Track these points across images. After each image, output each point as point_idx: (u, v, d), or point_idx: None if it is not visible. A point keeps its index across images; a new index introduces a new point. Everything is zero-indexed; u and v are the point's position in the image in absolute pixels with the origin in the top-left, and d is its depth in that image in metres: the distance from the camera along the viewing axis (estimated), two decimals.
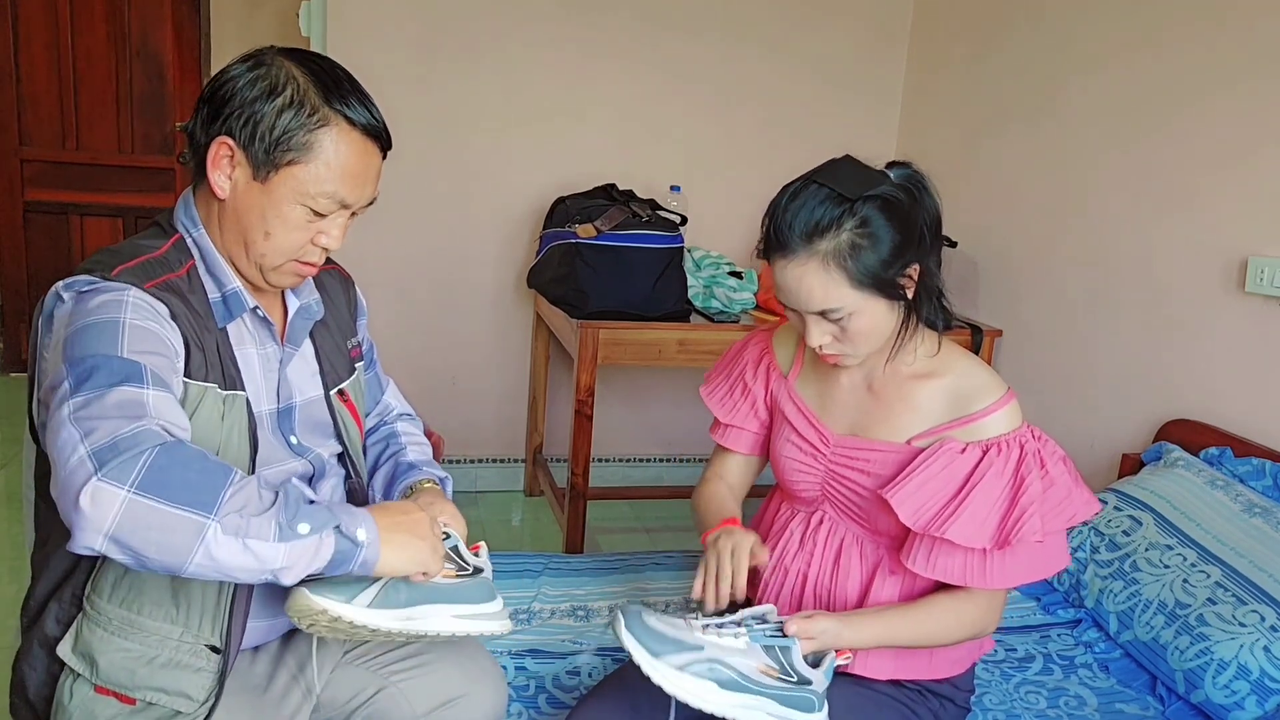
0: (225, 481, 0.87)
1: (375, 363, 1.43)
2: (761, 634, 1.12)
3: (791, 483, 1.34)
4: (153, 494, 0.83)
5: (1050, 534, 1.18)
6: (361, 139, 1.08)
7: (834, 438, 1.29)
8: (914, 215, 1.17)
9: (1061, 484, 1.19)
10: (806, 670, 1.12)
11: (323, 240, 1.11)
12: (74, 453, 0.84)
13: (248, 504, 0.87)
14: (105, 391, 0.89)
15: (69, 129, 3.91)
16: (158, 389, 0.93)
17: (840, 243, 1.13)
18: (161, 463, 0.84)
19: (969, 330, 2.68)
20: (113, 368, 0.92)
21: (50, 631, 1.11)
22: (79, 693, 1.09)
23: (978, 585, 1.18)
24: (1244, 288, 1.97)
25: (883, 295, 1.16)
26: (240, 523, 0.85)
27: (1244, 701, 1.48)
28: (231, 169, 1.06)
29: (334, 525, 0.92)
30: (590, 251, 2.56)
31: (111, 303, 0.98)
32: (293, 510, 0.90)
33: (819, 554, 1.31)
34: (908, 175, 1.19)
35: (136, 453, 0.84)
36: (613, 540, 3.00)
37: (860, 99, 3.25)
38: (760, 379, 1.38)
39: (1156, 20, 2.23)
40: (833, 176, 1.15)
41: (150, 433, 0.86)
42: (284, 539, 0.88)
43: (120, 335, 0.95)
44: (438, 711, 1.24)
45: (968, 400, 1.21)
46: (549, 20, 2.95)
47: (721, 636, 1.11)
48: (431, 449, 1.41)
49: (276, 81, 1.04)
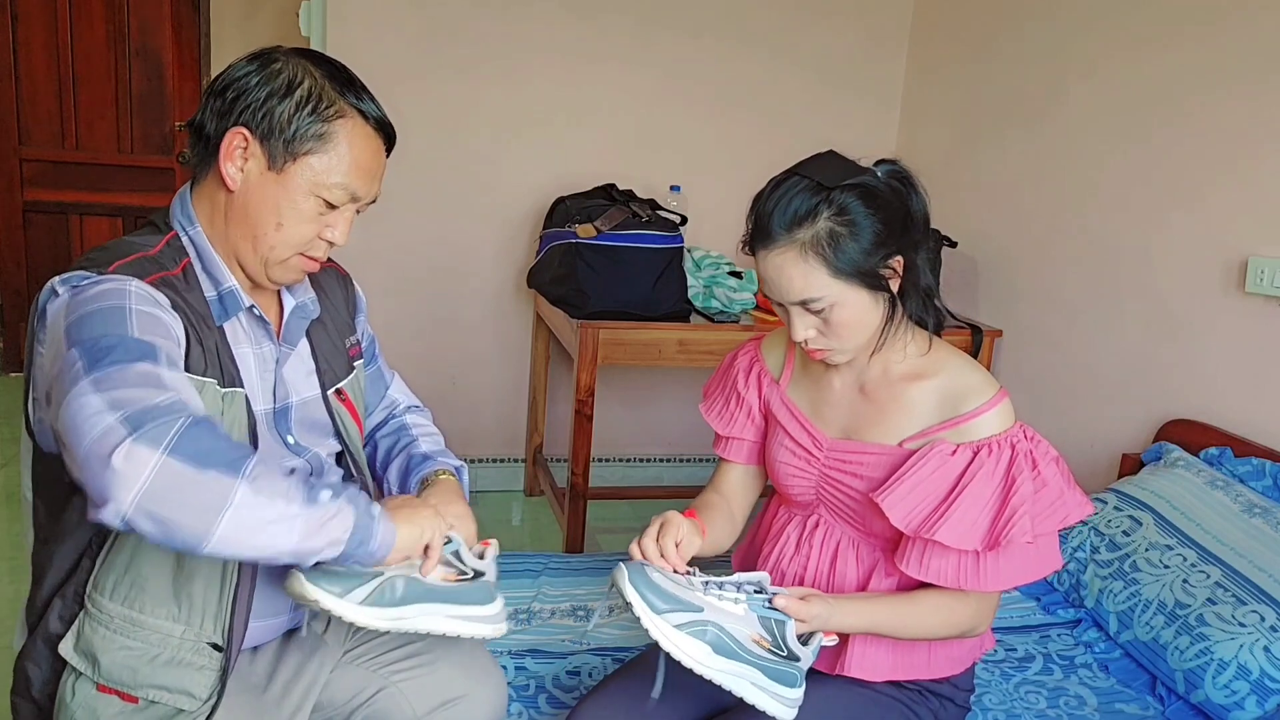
0: (250, 452, 0.88)
1: (378, 357, 1.43)
2: (760, 604, 1.13)
3: (786, 487, 1.34)
4: (185, 458, 0.83)
5: (1041, 535, 1.18)
6: (373, 133, 1.11)
7: (827, 441, 1.29)
8: (897, 207, 1.17)
9: (1054, 485, 1.18)
10: (797, 647, 1.12)
11: (329, 234, 1.12)
12: (101, 420, 0.83)
13: (269, 471, 0.88)
14: (126, 365, 0.89)
15: (68, 129, 3.91)
16: (173, 370, 0.93)
17: (818, 231, 1.13)
18: (194, 432, 0.85)
19: (969, 330, 2.68)
20: (129, 345, 0.91)
21: (54, 629, 1.11)
22: (81, 691, 1.09)
23: (970, 588, 1.18)
24: (1244, 288, 1.97)
25: (864, 286, 1.16)
26: (266, 484, 0.86)
27: (1244, 701, 1.48)
28: (245, 160, 1.07)
29: (354, 497, 0.94)
30: (590, 251, 2.56)
31: (114, 291, 0.98)
32: (311, 482, 0.92)
33: (815, 557, 1.31)
34: (893, 170, 1.20)
35: (172, 419, 0.84)
36: (613, 540, 3.00)
37: (860, 99, 3.25)
38: (753, 386, 1.38)
39: (1156, 20, 2.23)
40: (813, 168, 1.16)
41: (181, 403, 0.87)
42: (303, 503, 0.89)
43: (129, 319, 0.95)
44: (438, 711, 1.24)
45: (959, 401, 1.20)
46: (549, 20, 2.95)
47: (721, 600, 1.12)
48: (443, 437, 1.41)
49: (293, 76, 1.07)
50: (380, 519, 0.97)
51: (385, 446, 1.39)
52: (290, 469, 0.93)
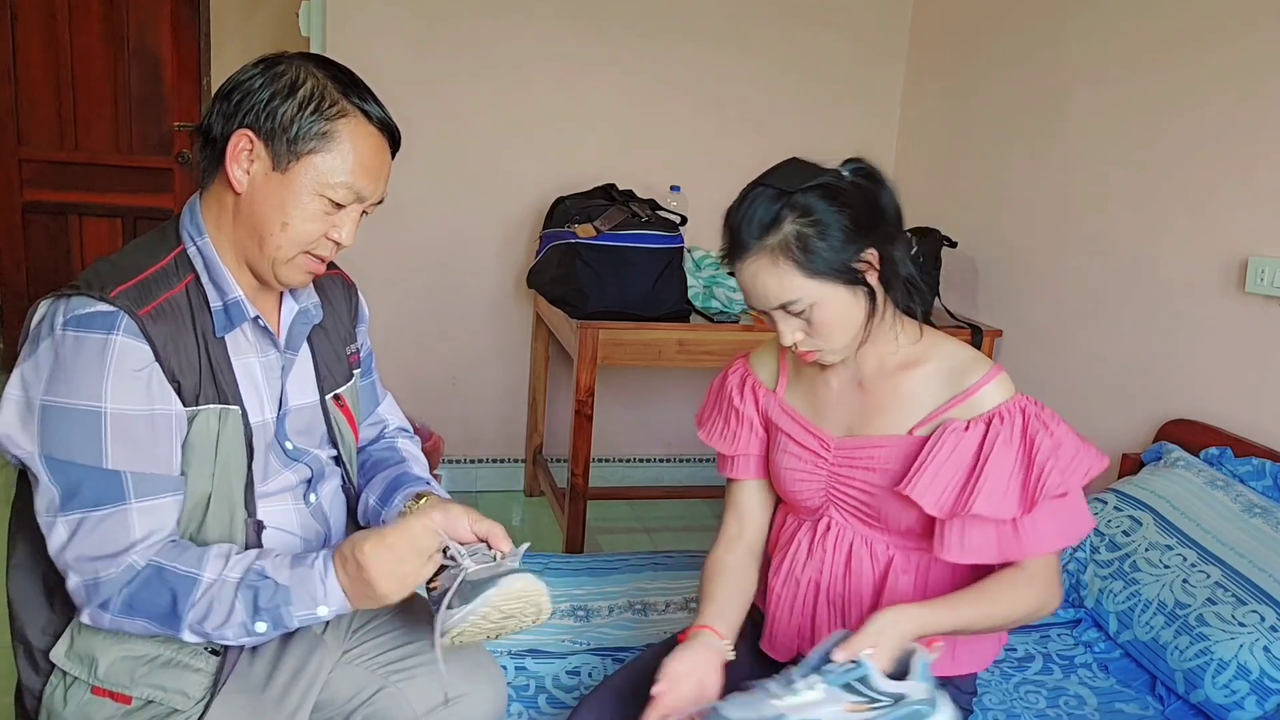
0: (188, 598, 1.01)
1: (373, 371, 1.43)
2: (835, 674, 1.05)
3: (794, 493, 1.33)
4: (132, 617, 1.02)
5: (1073, 488, 1.18)
6: (377, 133, 1.11)
7: (834, 440, 1.28)
8: (864, 202, 1.18)
9: (1069, 440, 1.20)
10: (894, 686, 1.05)
11: (335, 234, 1.12)
12: (68, 575, 1.03)
13: (209, 615, 1.02)
14: (87, 514, 1.01)
15: (67, 129, 3.91)
16: (141, 499, 1.03)
17: (786, 234, 1.14)
18: (132, 593, 1.01)
19: (969, 330, 2.68)
20: (95, 485, 1.01)
21: (37, 643, 1.12)
22: (74, 698, 1.10)
23: (1014, 557, 1.18)
24: (1244, 288, 1.97)
25: (841, 282, 1.16)
26: (202, 631, 1.03)
27: (1244, 701, 1.48)
28: (250, 162, 1.08)
29: (295, 619, 1.04)
30: (590, 251, 2.56)
31: (92, 378, 1.00)
32: (251, 611, 1.02)
33: (829, 560, 1.30)
34: (858, 168, 1.21)
35: (115, 590, 1.01)
36: (613, 540, 3.00)
37: (860, 101, 3.25)
38: (749, 399, 1.37)
39: (1156, 21, 2.23)
40: (775, 176, 1.19)
41: (126, 570, 1.01)
42: (245, 636, 1.03)
43: (102, 438, 1.01)
44: (438, 711, 1.24)
45: (960, 377, 1.21)
46: (549, 21, 2.95)
47: (798, 694, 1.06)
48: (428, 468, 1.40)
49: (297, 77, 1.08)
50: (331, 615, 1.06)
51: (373, 461, 1.38)
52: (236, 587, 1.03)
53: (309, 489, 1.23)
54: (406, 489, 1.28)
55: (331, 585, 1.03)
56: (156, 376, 1.04)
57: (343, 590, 1.04)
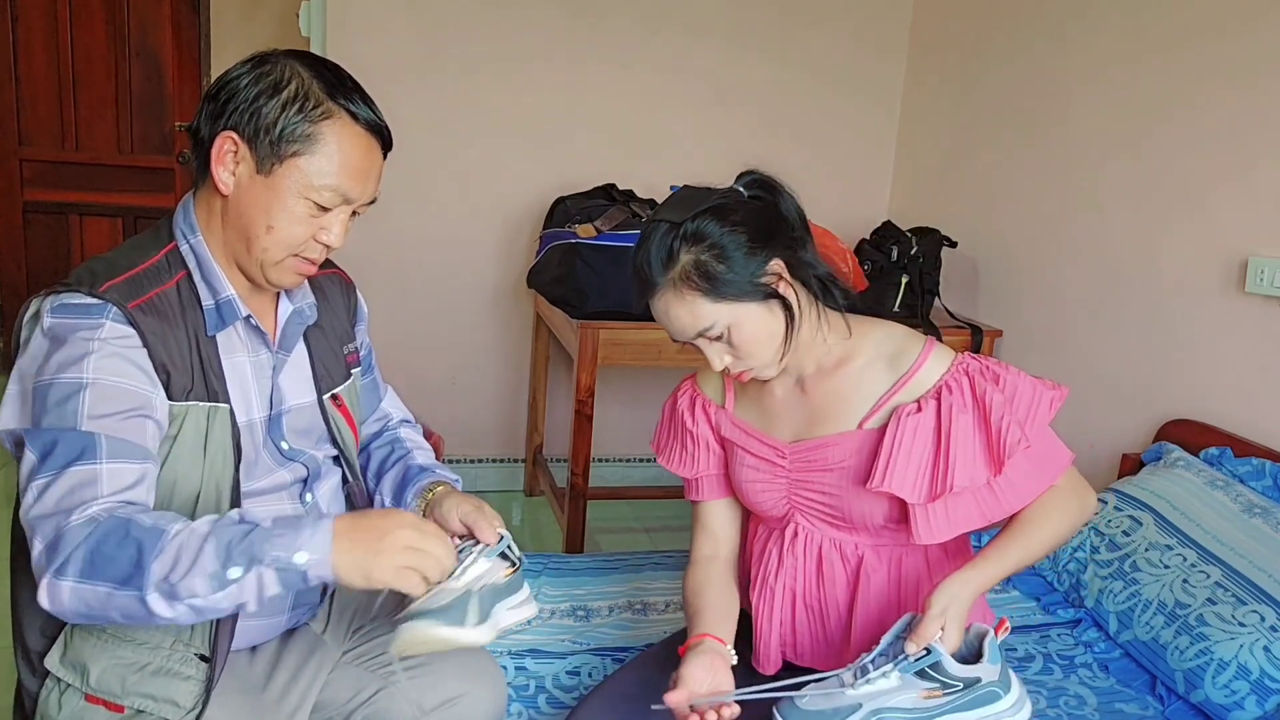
0: (154, 548, 0.90)
1: (374, 368, 1.42)
2: (907, 661, 1.08)
3: (758, 504, 1.33)
4: (92, 579, 0.90)
5: (1036, 437, 1.18)
6: (364, 134, 1.09)
7: (787, 447, 1.28)
8: (760, 215, 1.18)
9: (1022, 386, 1.20)
10: (966, 671, 1.07)
11: (324, 237, 1.11)
12: (33, 543, 0.94)
13: (177, 564, 0.90)
14: (59, 474, 0.95)
15: (68, 129, 3.91)
16: (112, 460, 0.96)
17: (684, 265, 1.15)
18: (93, 546, 0.91)
19: (969, 330, 2.68)
20: (69, 444, 0.96)
21: (34, 645, 1.12)
22: (68, 704, 1.10)
23: (997, 518, 1.19)
24: (1244, 288, 1.97)
25: (751, 300, 1.16)
26: (170, 588, 0.89)
27: (1244, 701, 1.48)
28: (235, 164, 1.07)
29: (269, 558, 0.91)
30: (590, 251, 2.56)
31: (78, 353, 0.99)
32: (223, 555, 0.90)
33: (800, 566, 1.29)
34: (752, 180, 1.22)
35: (75, 545, 0.91)
36: (613, 540, 3.00)
37: (860, 100, 3.25)
38: (701, 419, 1.37)
39: (1156, 21, 2.23)
40: (665, 210, 1.19)
41: (87, 522, 0.92)
42: (218, 589, 0.90)
43: (81, 404, 0.97)
44: (438, 711, 1.24)
45: (898, 361, 1.22)
46: (549, 21, 2.95)
47: (873, 682, 1.08)
48: (433, 452, 1.41)
49: (281, 77, 1.06)
50: (311, 567, 0.92)
51: (379, 457, 1.38)
52: (204, 535, 0.92)
53: (305, 488, 1.23)
54: (416, 485, 1.27)
55: (322, 530, 0.93)
56: (143, 358, 1.03)
57: (332, 538, 0.93)
